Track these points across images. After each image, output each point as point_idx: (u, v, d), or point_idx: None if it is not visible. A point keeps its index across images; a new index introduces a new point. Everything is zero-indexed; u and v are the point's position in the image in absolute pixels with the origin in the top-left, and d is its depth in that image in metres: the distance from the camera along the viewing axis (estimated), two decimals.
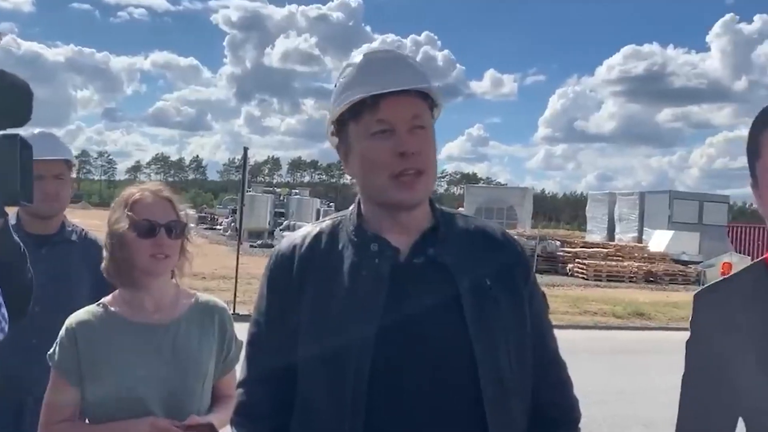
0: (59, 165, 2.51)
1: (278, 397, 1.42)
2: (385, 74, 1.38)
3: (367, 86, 1.36)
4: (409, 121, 1.37)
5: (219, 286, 13.62)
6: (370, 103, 1.36)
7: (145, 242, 1.83)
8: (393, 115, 1.36)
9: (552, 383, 1.47)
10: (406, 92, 1.37)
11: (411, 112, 1.38)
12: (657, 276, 22.67)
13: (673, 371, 1.70)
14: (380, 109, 1.36)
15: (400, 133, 1.36)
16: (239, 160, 13.67)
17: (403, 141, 1.35)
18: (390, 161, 1.36)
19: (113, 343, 1.84)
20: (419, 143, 1.37)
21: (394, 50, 1.48)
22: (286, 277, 1.44)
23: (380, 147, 1.36)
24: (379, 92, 1.35)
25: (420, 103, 1.40)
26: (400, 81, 1.37)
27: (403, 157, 1.35)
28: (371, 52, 1.46)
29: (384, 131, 1.36)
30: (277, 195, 37.36)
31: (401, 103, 1.36)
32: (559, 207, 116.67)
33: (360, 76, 1.40)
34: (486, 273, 1.40)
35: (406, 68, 1.42)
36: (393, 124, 1.36)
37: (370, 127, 1.37)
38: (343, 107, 1.39)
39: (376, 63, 1.42)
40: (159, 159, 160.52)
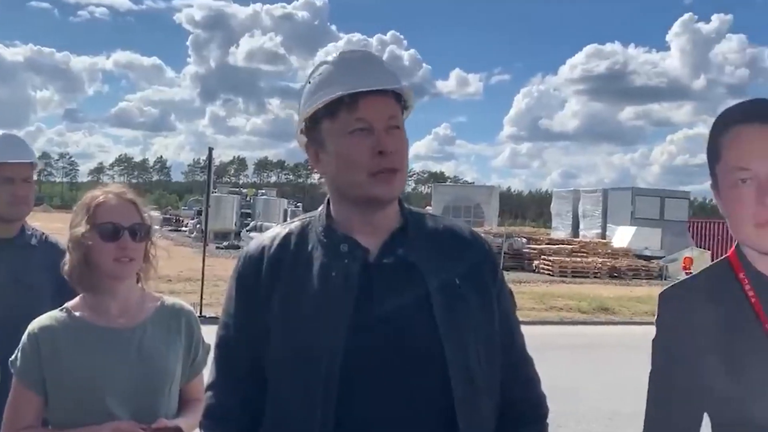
0: (27, 168, 2.46)
1: (247, 399, 1.42)
2: (363, 73, 1.39)
3: (346, 84, 1.37)
4: (386, 121, 1.38)
5: (185, 288, 13.47)
6: (348, 102, 1.36)
7: (108, 245, 1.81)
8: (371, 114, 1.37)
9: (520, 380, 1.49)
10: (384, 93, 1.39)
11: (388, 112, 1.39)
12: (620, 271, 23.08)
13: (637, 365, 1.73)
14: (359, 107, 1.37)
15: (379, 132, 1.37)
16: (204, 160, 13.53)
17: (381, 140, 1.37)
18: (369, 159, 1.36)
19: (77, 349, 1.81)
20: (396, 142, 1.39)
21: (369, 51, 1.50)
22: (255, 279, 1.43)
23: (359, 145, 1.37)
24: (360, 90, 1.36)
25: (395, 104, 1.42)
26: (379, 81, 1.39)
27: (382, 156, 1.36)
28: (348, 51, 1.47)
29: (362, 129, 1.37)
30: (244, 195, 37.04)
31: (379, 102, 1.38)
32: (524, 204, 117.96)
33: (337, 75, 1.41)
34: (455, 272, 1.41)
35: (382, 69, 1.44)
36: (371, 122, 1.37)
37: (349, 125, 1.37)
38: (321, 104, 1.39)
39: (353, 62, 1.43)
40: (122, 160, 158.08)
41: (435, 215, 1.57)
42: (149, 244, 1.91)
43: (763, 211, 1.31)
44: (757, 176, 1.32)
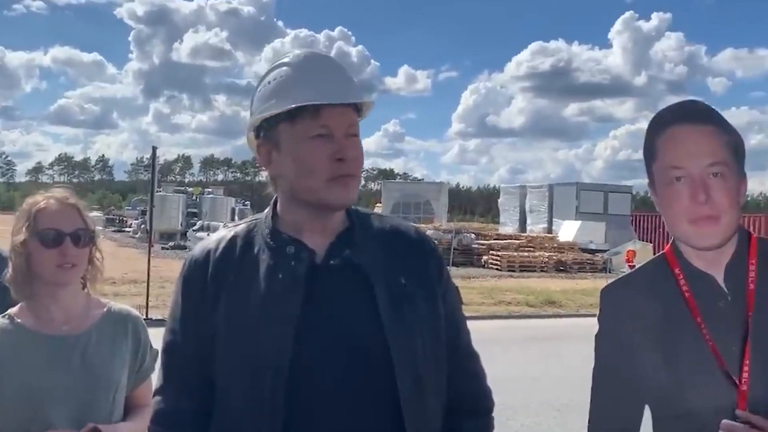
0: None
1: (196, 404, 1.41)
2: (326, 83, 1.39)
3: (310, 92, 1.37)
4: (346, 129, 1.40)
5: (130, 290, 13.18)
6: (310, 109, 1.37)
7: (50, 252, 1.78)
8: (334, 122, 1.38)
9: (465, 374, 1.51)
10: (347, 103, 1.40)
11: (348, 120, 1.40)
12: (567, 265, 23.60)
13: (583, 356, 1.77)
14: (321, 115, 1.37)
15: (339, 139, 1.38)
16: (148, 159, 13.26)
17: (342, 147, 1.38)
18: (328, 165, 1.37)
19: (19, 356, 1.77)
20: (354, 149, 1.40)
21: (329, 56, 1.50)
22: (201, 283, 1.42)
23: (318, 151, 1.37)
24: (328, 103, 1.36)
25: (354, 113, 1.43)
26: (345, 94, 1.40)
27: (341, 162, 1.38)
28: (309, 55, 1.46)
29: (323, 136, 1.38)
30: (190, 194, 36.39)
31: (342, 112, 1.39)
32: (473, 200, 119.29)
33: (300, 80, 1.40)
34: (401, 272, 1.43)
35: (345, 78, 1.44)
36: (332, 130, 1.38)
37: (310, 130, 1.37)
38: (284, 109, 1.38)
39: (315, 68, 1.43)
40: (62, 159, 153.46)
41: (381, 215, 1.58)
42: (93, 249, 1.88)
43: (697, 208, 1.36)
44: (690, 175, 1.37)
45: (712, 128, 1.40)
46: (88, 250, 1.86)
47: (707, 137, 1.38)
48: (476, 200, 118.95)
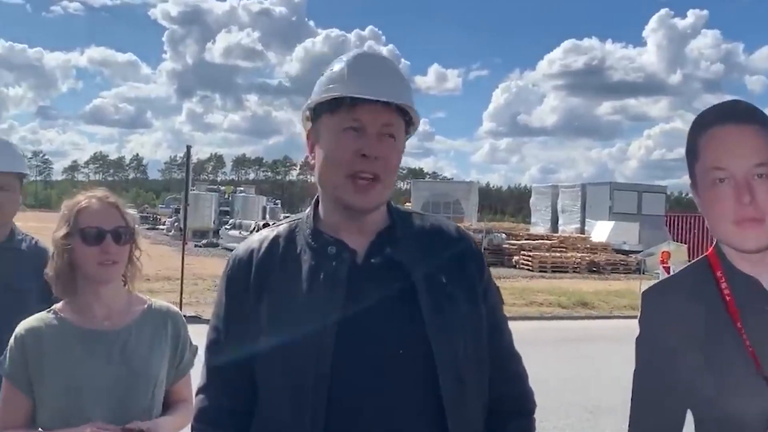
0: (4, 176, 2.43)
1: (238, 403, 1.42)
2: (370, 80, 1.39)
3: (352, 87, 1.38)
4: (380, 127, 1.39)
5: (164, 287, 13.35)
6: (348, 102, 1.37)
7: (92, 249, 1.82)
8: (367, 117, 1.37)
9: (507, 376, 1.50)
10: (386, 102, 1.38)
11: (384, 119, 1.39)
12: (599, 266, 23.33)
13: (616, 358, 1.74)
14: (357, 108, 1.38)
15: (369, 135, 1.38)
16: (181, 158, 13.42)
17: (368, 143, 1.37)
18: (350, 160, 1.37)
19: (62, 350, 1.82)
20: (384, 149, 1.39)
21: (387, 58, 1.50)
22: (245, 282, 1.43)
23: (346, 144, 1.37)
24: (358, 96, 1.37)
25: (395, 115, 1.41)
26: (383, 92, 1.39)
27: (364, 159, 1.37)
28: (364, 53, 1.48)
29: (355, 129, 1.38)
30: (222, 193, 36.81)
31: (378, 110, 1.38)
32: (504, 200, 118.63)
33: (348, 75, 1.41)
34: (442, 270, 1.42)
35: (392, 80, 1.43)
36: (365, 125, 1.38)
37: (344, 122, 1.38)
38: (322, 99, 1.41)
39: (365, 66, 1.43)
40: (97, 158, 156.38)
41: (422, 213, 1.57)
42: (133, 246, 1.92)
43: (740, 210, 1.33)
44: (733, 176, 1.34)
45: (756, 128, 1.37)
46: (128, 248, 1.89)
47: (751, 137, 1.35)
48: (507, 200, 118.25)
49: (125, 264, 1.90)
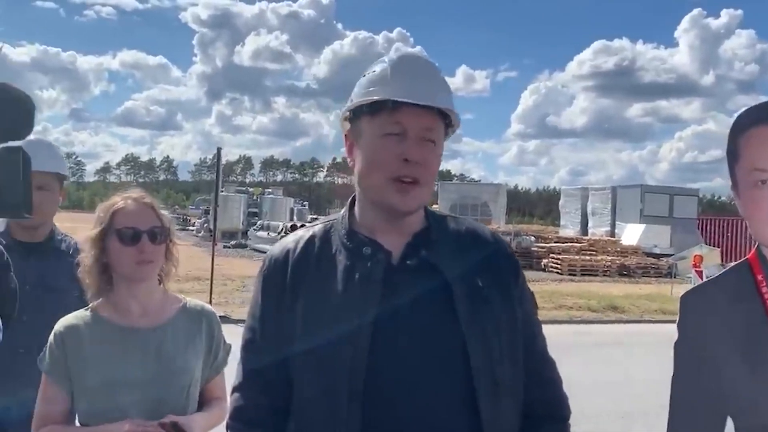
0: (45, 176, 2.46)
1: (274, 401, 1.42)
2: (413, 83, 1.39)
3: (395, 90, 1.38)
4: (421, 131, 1.39)
5: (193, 287, 13.49)
6: (391, 105, 1.38)
7: (129, 249, 1.85)
8: (409, 121, 1.38)
9: (541, 381, 1.49)
10: (429, 106, 1.38)
11: (426, 123, 1.40)
12: (630, 269, 23.03)
13: (647, 363, 1.71)
14: (399, 112, 1.38)
15: (410, 140, 1.38)
16: (211, 159, 13.59)
17: (410, 148, 1.37)
18: (393, 164, 1.38)
19: (99, 347, 1.85)
20: (425, 154, 1.39)
21: (428, 60, 1.50)
22: (281, 282, 1.44)
23: (388, 148, 1.38)
24: (403, 101, 1.37)
25: (436, 119, 1.41)
26: (426, 95, 1.38)
27: (406, 164, 1.37)
28: (407, 55, 1.48)
29: (397, 134, 1.38)
30: (250, 195, 37.14)
31: (419, 114, 1.38)
32: (532, 202, 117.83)
33: (391, 77, 1.41)
34: (478, 274, 1.42)
35: (434, 83, 1.44)
36: (406, 129, 1.38)
37: (385, 126, 1.39)
38: (364, 101, 1.41)
39: (408, 68, 1.43)
40: (129, 160, 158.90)
41: (456, 217, 1.57)
42: (170, 245, 1.94)
43: None
44: None
45: None
46: (164, 247, 1.92)
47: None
48: (535, 202, 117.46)
49: (161, 263, 1.92)
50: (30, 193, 1.15)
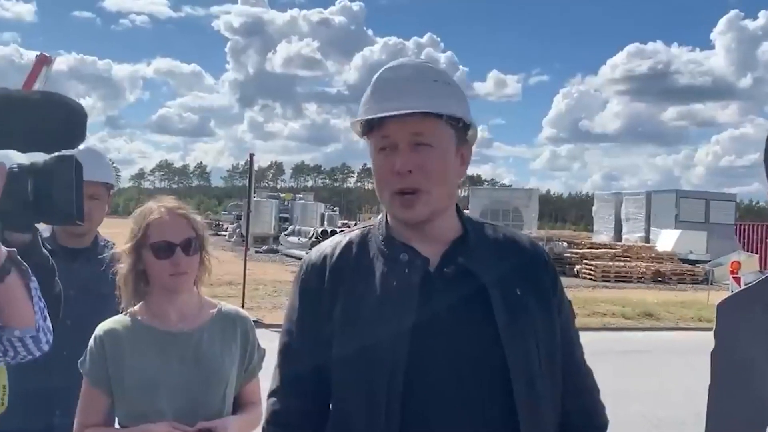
0: (95, 186, 2.51)
1: (311, 406, 1.43)
2: (393, 94, 1.39)
3: (373, 107, 1.40)
4: (411, 139, 1.37)
5: (226, 292, 13.61)
6: (376, 122, 1.39)
7: (163, 263, 1.87)
8: (396, 132, 1.38)
9: (579, 390, 1.48)
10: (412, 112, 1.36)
11: (412, 129, 1.37)
12: (665, 276, 22.65)
13: (683, 371, 1.68)
14: (385, 127, 1.39)
15: (401, 151, 1.37)
16: (243, 165, 13.75)
17: (404, 159, 1.37)
18: (390, 178, 1.39)
19: (138, 351, 1.88)
20: (417, 160, 1.37)
21: (417, 64, 1.46)
22: (318, 287, 1.44)
23: (383, 163, 1.40)
24: (375, 117, 1.38)
25: (427, 122, 1.37)
26: (406, 103, 1.36)
27: (399, 176, 1.37)
28: (386, 69, 1.46)
29: (387, 148, 1.39)
30: (282, 200, 37.43)
31: (405, 122, 1.37)
32: (564, 207, 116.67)
33: (371, 95, 1.42)
34: (516, 282, 1.40)
35: (418, 87, 1.39)
36: (396, 141, 1.38)
37: (378, 142, 1.41)
38: (354, 126, 1.44)
39: (388, 82, 1.42)
40: (163, 166, 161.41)
41: (494, 224, 1.56)
42: (204, 254, 1.96)
43: None
44: None
45: None
46: (198, 257, 1.94)
47: None
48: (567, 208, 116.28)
49: (195, 272, 1.94)
50: (82, 201, 1.18)
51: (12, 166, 1.14)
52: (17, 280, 1.27)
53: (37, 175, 1.13)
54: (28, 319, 1.31)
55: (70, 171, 1.15)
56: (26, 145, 1.11)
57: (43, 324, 1.36)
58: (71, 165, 1.15)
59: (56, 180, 1.13)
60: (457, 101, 1.43)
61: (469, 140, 1.46)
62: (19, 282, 1.28)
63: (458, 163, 1.44)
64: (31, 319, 1.31)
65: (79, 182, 1.17)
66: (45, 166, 1.14)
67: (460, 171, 1.46)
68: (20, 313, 1.29)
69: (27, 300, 1.30)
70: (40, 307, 1.36)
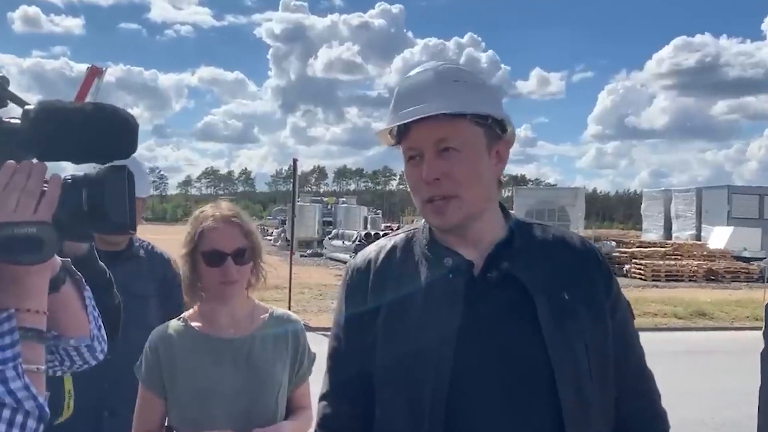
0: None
1: (360, 411, 1.42)
2: (409, 103, 1.36)
3: (394, 117, 1.38)
4: (437, 145, 1.34)
5: (273, 296, 13.76)
6: (402, 130, 1.37)
7: (213, 270, 1.88)
8: (420, 140, 1.36)
9: (636, 394, 1.43)
10: (434, 116, 1.32)
11: (436, 135, 1.34)
12: (718, 274, 22.03)
13: (738, 371, 1.62)
14: (409, 134, 1.37)
15: (429, 159, 1.35)
16: (286, 170, 13.88)
17: (430, 167, 1.34)
18: (420, 188, 1.37)
19: (191, 357, 1.90)
20: (444, 166, 1.33)
21: (434, 69, 1.39)
22: (363, 291, 1.44)
23: (413, 173, 1.38)
24: (394, 125, 1.37)
25: (454, 127, 1.33)
26: (422, 109, 1.33)
27: (428, 185, 1.35)
28: (408, 77, 1.42)
29: (415, 157, 1.37)
30: (325, 204, 37.72)
31: (426, 128, 1.33)
32: (612, 206, 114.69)
33: (394, 105, 1.41)
34: (564, 285, 1.36)
35: (440, 90, 1.35)
36: (421, 149, 1.36)
37: (406, 152, 1.39)
38: (382, 136, 1.43)
39: (406, 90, 1.39)
40: (209, 173, 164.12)
41: (544, 224, 1.51)
42: (257, 262, 1.97)
43: None
44: None
45: None
46: (249, 266, 1.94)
47: None
48: (615, 206, 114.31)
49: (246, 281, 1.95)
50: (134, 210, 1.20)
51: (66, 177, 1.15)
52: (72, 290, 1.29)
53: (90, 185, 1.14)
54: (83, 329, 1.33)
55: (123, 181, 1.16)
56: (80, 157, 1.13)
57: (98, 333, 1.38)
58: (124, 175, 1.17)
59: (109, 190, 1.15)
60: (483, 98, 1.37)
61: (505, 137, 1.40)
62: (74, 291, 1.30)
63: (493, 162, 1.38)
64: (85, 329, 1.33)
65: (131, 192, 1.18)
66: (98, 177, 1.15)
67: (497, 170, 1.40)
68: (75, 322, 1.31)
69: (81, 309, 1.32)
70: (95, 317, 1.38)
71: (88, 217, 1.14)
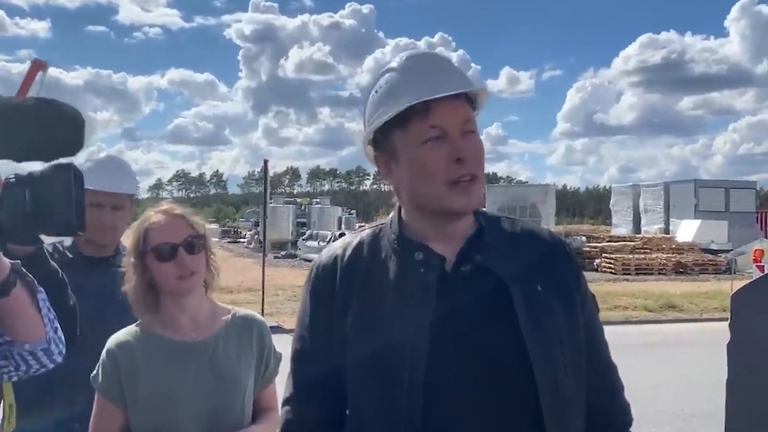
0: (121, 197, 2.50)
1: (326, 413, 1.39)
2: (432, 79, 1.31)
3: (415, 93, 1.30)
4: (460, 126, 1.31)
5: (246, 298, 13.67)
6: (420, 109, 1.30)
7: (167, 265, 1.83)
8: (445, 120, 1.30)
9: (603, 388, 1.43)
10: (457, 96, 1.31)
11: (462, 116, 1.32)
12: (686, 267, 22.43)
13: (709, 363, 1.65)
14: (431, 115, 1.30)
15: (454, 138, 1.30)
16: (259, 172, 13.76)
17: (459, 147, 1.30)
18: (446, 168, 1.30)
19: (153, 363, 1.84)
20: (472, 148, 1.32)
21: (435, 53, 1.41)
22: (330, 290, 1.39)
23: (435, 154, 1.30)
24: (432, 97, 1.29)
25: (468, 108, 1.34)
26: (450, 85, 1.31)
27: (460, 163, 1.30)
28: (414, 56, 1.38)
29: (437, 138, 1.31)
30: (298, 205, 37.53)
31: (452, 107, 1.31)
32: (582, 202, 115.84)
33: (406, 83, 1.33)
34: (537, 278, 1.34)
35: (452, 71, 1.36)
36: (445, 129, 1.30)
37: (423, 134, 1.31)
38: (392, 114, 1.32)
39: (420, 68, 1.35)
40: (180, 176, 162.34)
41: (512, 218, 1.49)
42: (209, 254, 1.91)
43: None
44: None
45: None
46: (203, 256, 1.89)
47: None
48: (585, 202, 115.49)
49: (203, 273, 1.89)
50: (82, 210, 1.15)
51: (8, 177, 1.10)
52: (23, 293, 1.24)
53: (34, 185, 1.09)
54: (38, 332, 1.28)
55: (69, 180, 1.11)
56: (22, 155, 1.07)
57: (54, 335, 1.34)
58: (69, 174, 1.11)
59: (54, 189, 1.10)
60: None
61: None
62: (26, 294, 1.25)
63: None
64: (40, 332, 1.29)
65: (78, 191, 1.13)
66: (42, 176, 1.10)
67: None
68: (29, 326, 1.27)
69: (35, 312, 1.28)
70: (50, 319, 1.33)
71: (33, 219, 1.10)
